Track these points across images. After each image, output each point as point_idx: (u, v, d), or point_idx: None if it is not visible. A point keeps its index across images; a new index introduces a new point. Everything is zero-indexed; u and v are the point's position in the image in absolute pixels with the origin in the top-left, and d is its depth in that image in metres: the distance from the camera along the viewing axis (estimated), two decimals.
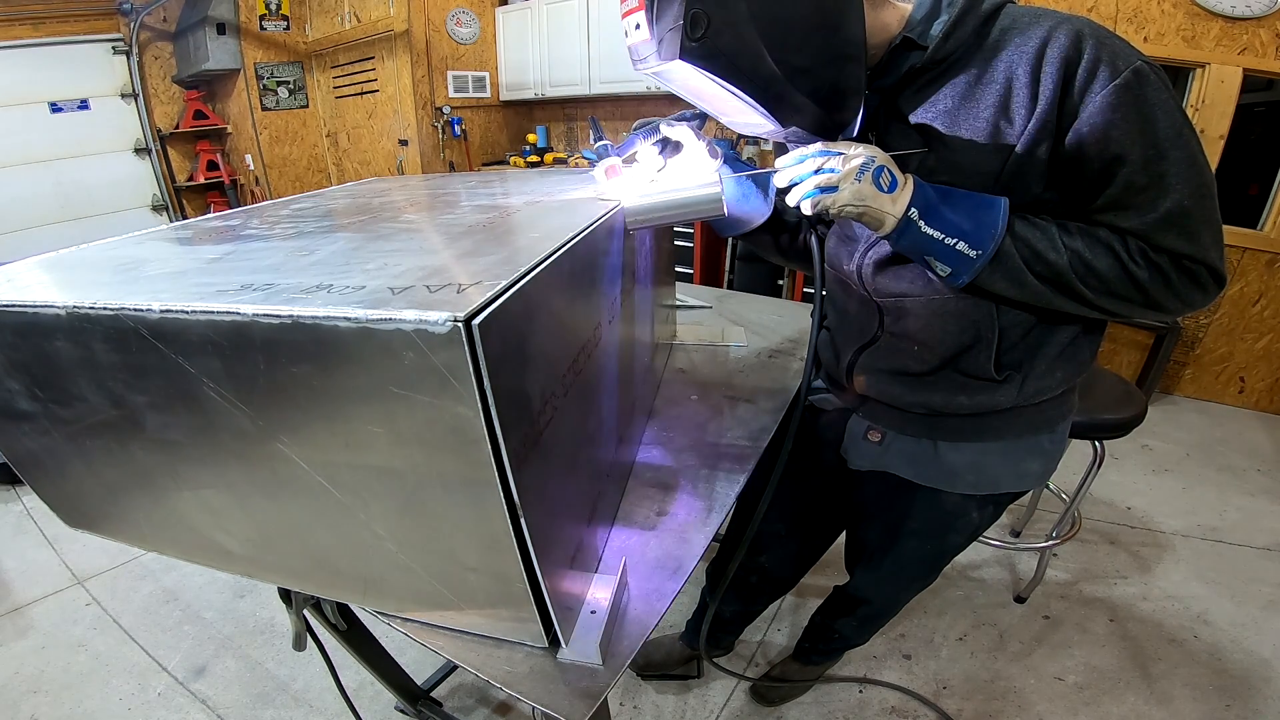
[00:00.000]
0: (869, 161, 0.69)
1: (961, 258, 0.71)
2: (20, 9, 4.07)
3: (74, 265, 0.65)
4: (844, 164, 0.70)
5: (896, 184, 0.70)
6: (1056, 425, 0.88)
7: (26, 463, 0.70)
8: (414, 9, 4.12)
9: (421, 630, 0.68)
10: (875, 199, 0.70)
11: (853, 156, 0.70)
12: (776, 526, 1.20)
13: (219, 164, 5.04)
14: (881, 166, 0.70)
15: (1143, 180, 0.64)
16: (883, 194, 0.70)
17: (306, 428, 0.50)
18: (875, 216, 0.71)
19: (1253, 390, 2.92)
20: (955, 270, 0.72)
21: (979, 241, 0.69)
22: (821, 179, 0.71)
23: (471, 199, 0.93)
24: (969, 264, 0.71)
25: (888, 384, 0.88)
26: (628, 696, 1.55)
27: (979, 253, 0.69)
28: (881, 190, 0.70)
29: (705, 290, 1.87)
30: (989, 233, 0.69)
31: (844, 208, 0.70)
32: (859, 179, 0.69)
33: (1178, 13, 2.49)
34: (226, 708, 1.53)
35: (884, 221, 0.71)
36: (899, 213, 0.70)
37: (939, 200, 0.70)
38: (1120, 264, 0.67)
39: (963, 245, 0.70)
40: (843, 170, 0.70)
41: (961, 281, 0.72)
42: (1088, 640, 1.69)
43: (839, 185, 0.70)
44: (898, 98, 0.74)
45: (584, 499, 0.69)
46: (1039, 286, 0.70)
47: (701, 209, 0.77)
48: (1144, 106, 0.62)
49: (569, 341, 0.60)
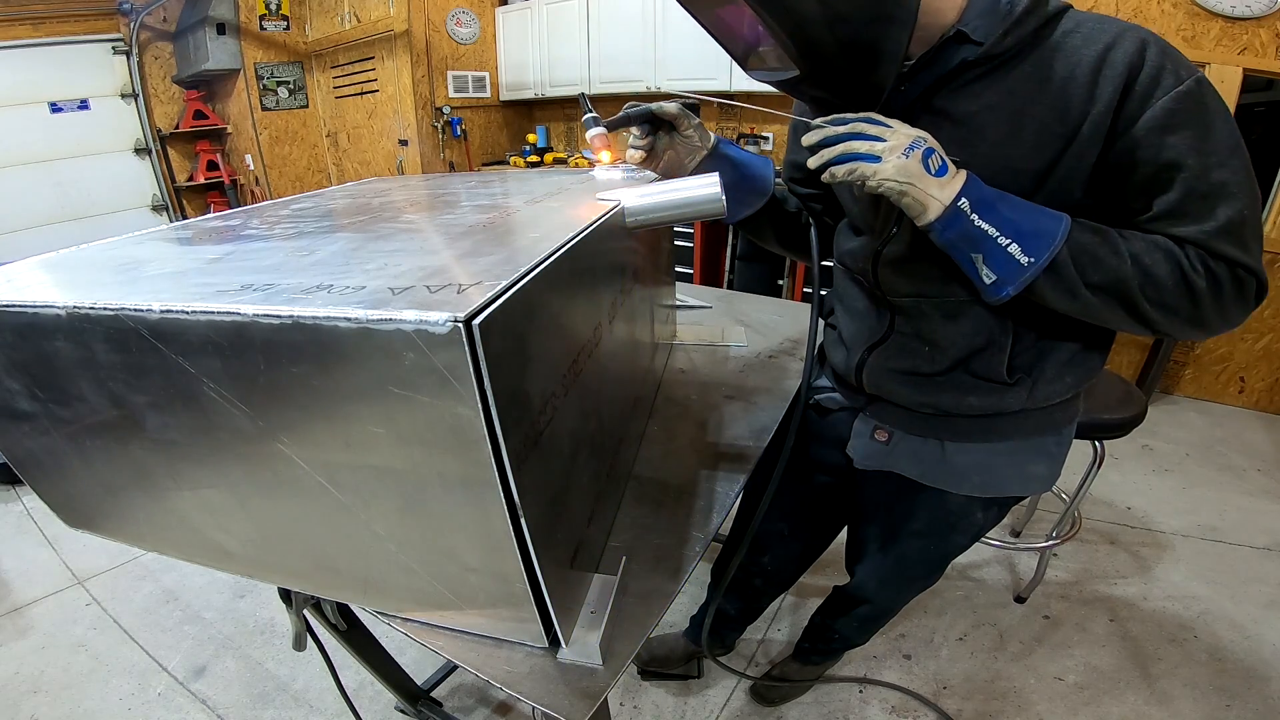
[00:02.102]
0: (920, 140, 0.65)
1: (1011, 263, 0.66)
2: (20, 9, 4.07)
3: (74, 265, 0.65)
4: (892, 135, 0.65)
5: (946, 169, 0.65)
6: (1063, 429, 0.88)
7: (26, 463, 0.70)
8: (414, 9, 4.13)
9: (421, 630, 0.68)
10: (922, 179, 0.64)
11: (902, 130, 0.65)
12: (779, 526, 1.20)
13: (219, 164, 5.04)
14: (932, 149, 0.65)
15: (1203, 188, 0.62)
16: (930, 176, 0.65)
17: (306, 428, 0.50)
18: (919, 199, 0.65)
19: (1253, 390, 2.91)
20: (1001, 278, 0.67)
21: (1034, 247, 0.65)
22: (863, 145, 0.65)
23: (471, 199, 0.93)
24: (1018, 272, 0.66)
25: (898, 384, 0.87)
26: (628, 696, 1.55)
27: (1031, 260, 0.65)
28: (929, 173, 0.64)
29: (705, 290, 1.87)
30: (1047, 241, 0.65)
31: (885, 182, 0.65)
32: (907, 155, 0.64)
33: (1178, 13, 2.49)
34: (226, 708, 1.53)
35: (928, 207, 0.66)
36: (947, 199, 0.65)
37: (996, 196, 0.66)
38: (1180, 272, 0.63)
39: (1015, 248, 0.65)
40: (890, 141, 0.64)
41: (1005, 294, 0.68)
42: (1088, 640, 1.69)
43: (883, 156, 0.64)
44: (936, 93, 0.71)
45: (584, 499, 0.69)
46: (1091, 298, 0.66)
47: (701, 209, 0.77)
48: (1206, 115, 0.61)
49: (569, 341, 0.60)
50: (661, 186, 0.79)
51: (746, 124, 3.80)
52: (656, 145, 0.87)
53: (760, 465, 0.98)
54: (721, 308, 1.68)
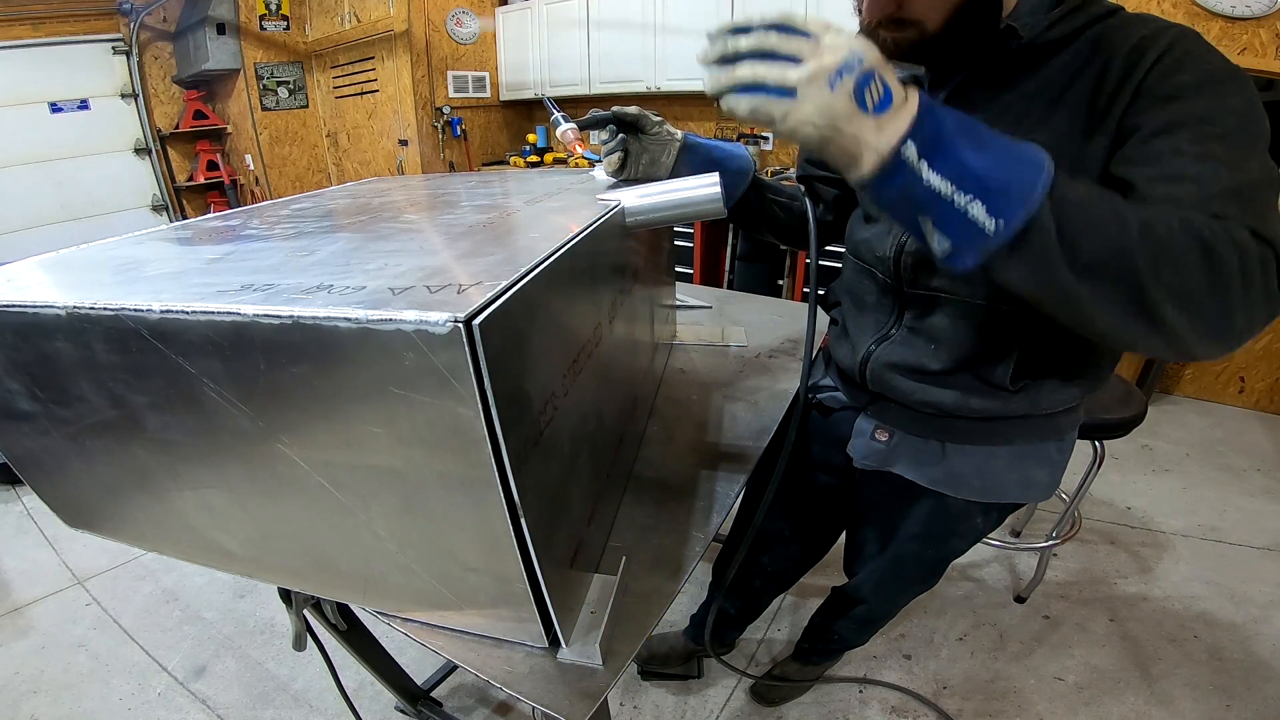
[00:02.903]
0: (853, 62, 0.45)
1: (970, 229, 0.47)
2: (20, 9, 4.07)
3: (74, 265, 0.65)
4: (813, 54, 0.46)
5: (890, 100, 0.47)
6: (1065, 435, 0.87)
7: (26, 463, 0.70)
8: (414, 9, 4.13)
9: (421, 630, 0.68)
10: (852, 120, 0.46)
11: (828, 47, 0.46)
12: (779, 526, 1.20)
13: (219, 164, 5.04)
14: (870, 72, 0.46)
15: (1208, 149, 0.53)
16: (864, 115, 0.46)
17: (306, 428, 0.50)
18: (846, 147, 0.48)
19: (1253, 390, 2.91)
20: (957, 247, 0.49)
21: (1003, 205, 0.46)
22: (771, 71, 0.46)
23: (471, 199, 0.93)
24: (978, 238, 0.47)
25: (900, 379, 0.86)
26: (628, 696, 1.55)
27: (998, 223, 0.46)
28: (863, 109, 0.46)
29: (705, 290, 1.87)
30: (1020, 194, 0.46)
31: (800, 126, 0.47)
32: (833, 84, 0.45)
33: (1177, 13, 2.49)
34: (226, 708, 1.53)
35: (859, 157, 0.48)
36: (886, 147, 0.47)
37: (956, 131, 0.47)
38: (1202, 242, 0.46)
39: (977, 208, 0.46)
40: (809, 66, 0.45)
41: (963, 265, 0.49)
42: (1088, 640, 1.69)
43: (798, 88, 0.46)
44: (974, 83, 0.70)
45: (584, 499, 0.69)
46: (1076, 286, 0.48)
47: (701, 209, 0.77)
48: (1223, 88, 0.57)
49: (569, 341, 0.60)
50: (661, 186, 0.79)
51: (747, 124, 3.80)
52: (629, 149, 0.87)
53: (760, 465, 0.98)
54: (721, 308, 1.68)
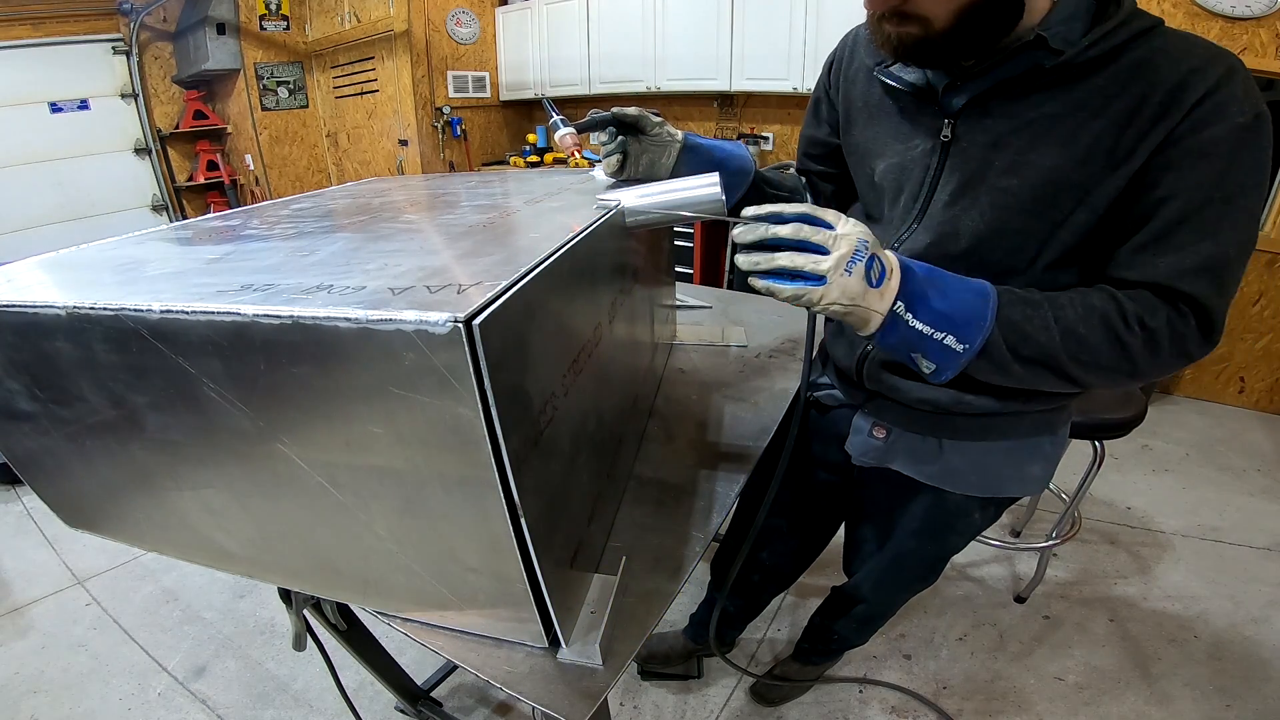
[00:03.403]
0: (862, 247, 0.59)
1: (948, 353, 0.64)
2: (20, 9, 4.07)
3: (74, 265, 0.65)
4: (834, 246, 0.58)
5: (885, 274, 0.61)
6: (1058, 429, 0.88)
7: (26, 463, 0.70)
8: (414, 9, 4.13)
9: (421, 630, 0.68)
10: (865, 296, 0.60)
11: (842, 236, 0.59)
12: (777, 522, 1.20)
13: (219, 164, 5.04)
14: (874, 256, 0.60)
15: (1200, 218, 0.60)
16: (871, 290, 0.60)
17: (306, 428, 0.50)
18: (862, 316, 0.62)
19: (1253, 390, 2.91)
20: (940, 367, 0.65)
21: (967, 334, 0.63)
22: (807, 262, 0.58)
23: (471, 199, 0.93)
24: (954, 359, 0.64)
25: (898, 378, 0.86)
26: (628, 696, 1.55)
27: (966, 347, 0.63)
28: (871, 285, 0.60)
29: (705, 290, 1.87)
30: (977, 324, 0.63)
31: (830, 306, 0.60)
32: (849, 270, 0.58)
33: (1177, 13, 2.49)
34: (226, 708, 1.53)
35: (869, 321, 0.62)
36: (885, 309, 0.62)
37: (926, 285, 0.63)
38: (1115, 335, 0.63)
39: (951, 339, 0.63)
40: (834, 256, 0.58)
41: (944, 378, 0.67)
42: (1088, 640, 1.69)
43: (827, 276, 0.58)
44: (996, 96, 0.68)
45: (584, 499, 0.69)
46: (1022, 372, 0.66)
47: (701, 209, 0.77)
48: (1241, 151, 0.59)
49: (569, 341, 0.60)
50: (661, 186, 0.79)
51: (746, 124, 3.80)
52: (629, 150, 0.87)
53: (760, 464, 0.98)
54: (721, 308, 1.68)
